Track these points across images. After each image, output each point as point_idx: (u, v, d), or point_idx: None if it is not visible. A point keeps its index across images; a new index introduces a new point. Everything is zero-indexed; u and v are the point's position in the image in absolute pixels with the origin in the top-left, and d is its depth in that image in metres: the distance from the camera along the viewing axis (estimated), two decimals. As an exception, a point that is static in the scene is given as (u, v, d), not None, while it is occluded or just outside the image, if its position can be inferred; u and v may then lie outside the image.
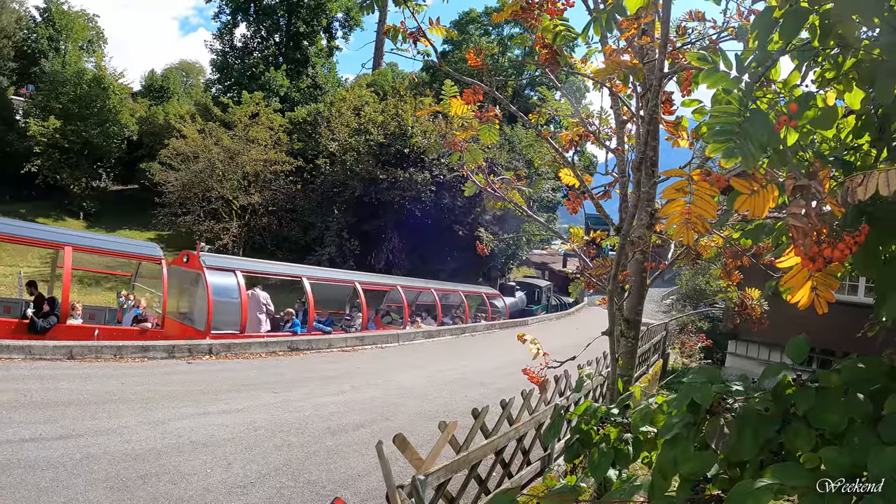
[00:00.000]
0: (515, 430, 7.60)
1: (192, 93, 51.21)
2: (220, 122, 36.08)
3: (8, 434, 7.64)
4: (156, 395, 10.49)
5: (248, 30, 52.76)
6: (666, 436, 2.39)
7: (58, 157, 37.81)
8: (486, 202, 4.72)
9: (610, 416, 3.25)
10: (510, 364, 17.43)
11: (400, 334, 20.72)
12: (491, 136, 4.44)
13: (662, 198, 2.28)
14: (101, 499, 6.40)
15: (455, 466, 5.90)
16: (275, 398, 11.18)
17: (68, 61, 40.95)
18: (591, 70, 4.60)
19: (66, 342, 12.43)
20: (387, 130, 34.91)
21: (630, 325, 4.19)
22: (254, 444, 8.60)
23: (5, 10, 42.92)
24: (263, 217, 34.61)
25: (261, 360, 14.60)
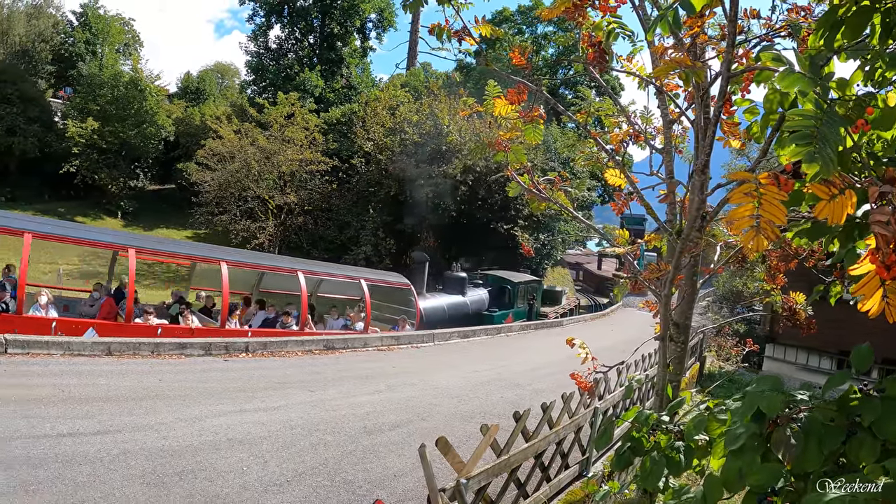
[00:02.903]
0: (556, 433, 7.54)
1: (228, 94, 51.67)
2: (255, 122, 36.33)
3: (46, 429, 7.72)
4: (193, 392, 10.57)
5: (283, 31, 53.12)
6: (732, 446, 2.32)
7: (96, 157, 38.38)
8: (529, 203, 4.64)
9: (661, 424, 3.17)
10: (546, 365, 17.34)
11: (435, 334, 20.61)
12: (535, 137, 4.38)
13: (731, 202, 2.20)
14: (138, 494, 6.45)
15: (496, 470, 5.85)
16: (311, 397, 11.21)
17: (105, 64, 41.63)
18: (636, 69, 4.51)
19: (105, 339, 12.55)
20: (422, 130, 34.90)
21: (679, 329, 4.09)
22: (290, 443, 8.63)
23: (42, 15, 43.81)
24: (299, 216, 34.80)
25: (297, 358, 14.66)
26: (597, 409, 9.19)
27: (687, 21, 3.29)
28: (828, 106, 2.10)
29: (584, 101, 41.60)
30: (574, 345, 4.30)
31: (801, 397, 2.42)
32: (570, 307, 43.60)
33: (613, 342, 21.24)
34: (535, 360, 18.67)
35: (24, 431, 7.52)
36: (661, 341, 4.09)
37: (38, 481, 6.36)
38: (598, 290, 56.79)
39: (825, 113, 2.04)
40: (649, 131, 4.95)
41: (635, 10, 4.21)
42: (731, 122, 4.08)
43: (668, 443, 3.04)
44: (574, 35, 5.74)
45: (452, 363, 16.64)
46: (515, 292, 30.76)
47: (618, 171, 4.54)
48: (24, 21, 42.09)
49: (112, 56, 44.00)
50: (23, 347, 11.10)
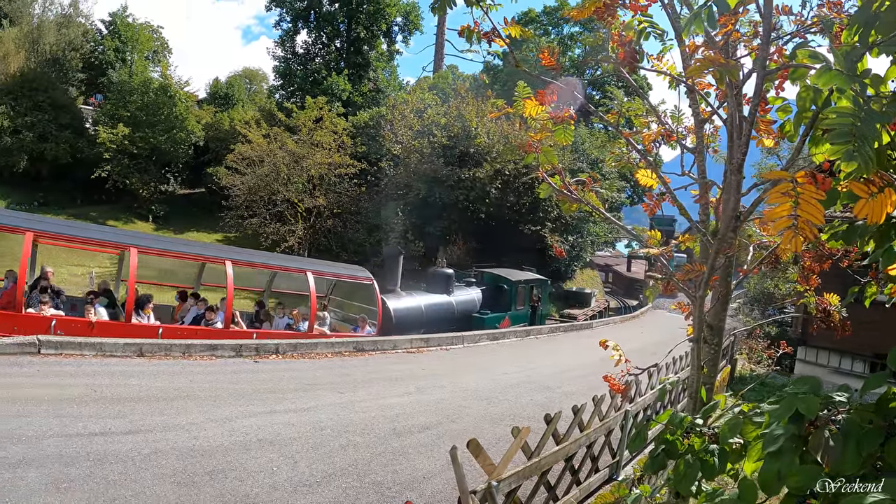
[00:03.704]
0: (586, 436, 7.51)
1: (256, 99, 52.01)
2: (284, 126, 36.53)
3: (78, 428, 7.85)
4: (223, 392, 10.69)
5: (309, 36, 53.44)
6: (770, 448, 2.29)
7: (127, 162, 38.90)
8: (561, 205, 4.62)
9: (695, 427, 3.14)
10: (576, 367, 17.28)
11: (465, 336, 20.55)
12: (566, 138, 4.35)
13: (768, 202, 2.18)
14: (169, 493, 6.53)
15: (526, 473, 5.84)
16: (340, 398, 11.27)
17: (135, 71, 42.26)
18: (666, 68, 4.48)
19: (136, 340, 12.74)
20: (450, 132, 34.92)
21: (713, 331, 4.05)
22: (320, 444, 8.68)
23: (72, 25, 44.48)
24: (328, 219, 34.99)
25: (327, 360, 14.74)
26: (627, 411, 9.13)
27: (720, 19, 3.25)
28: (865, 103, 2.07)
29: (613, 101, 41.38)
30: (607, 346, 4.26)
31: (839, 399, 2.39)
32: (600, 309, 43.29)
33: (643, 344, 21.10)
34: (565, 362, 18.61)
35: (56, 430, 7.65)
36: (695, 343, 4.04)
37: (71, 479, 6.47)
38: (627, 292, 56.42)
39: (863, 110, 2.01)
40: (680, 131, 4.91)
41: (665, 8, 4.18)
42: (765, 121, 4.03)
43: (701, 446, 3.01)
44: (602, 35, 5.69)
45: (481, 365, 16.63)
46: (513, 292, 26.95)
47: (649, 172, 4.50)
48: (55, 30, 42.78)
49: (141, 63, 44.66)
50: (56, 348, 11.32)
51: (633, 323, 36.12)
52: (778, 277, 27.80)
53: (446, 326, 22.61)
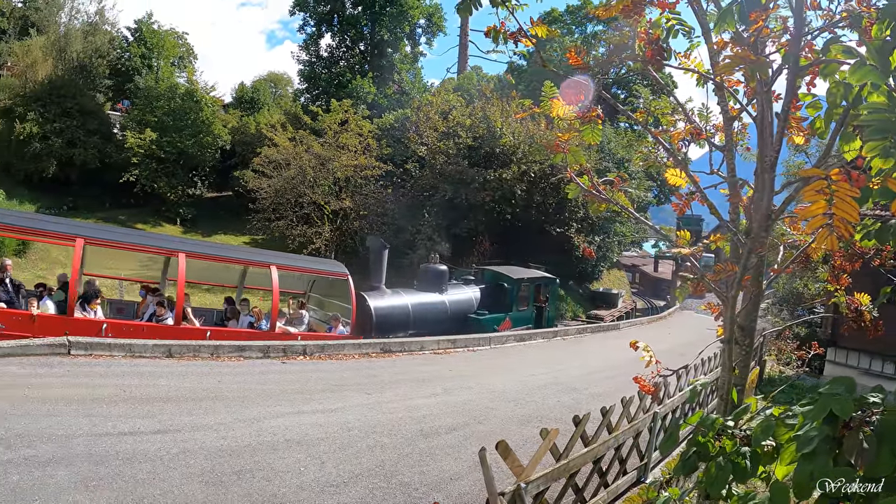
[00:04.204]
0: (615, 438, 7.45)
1: (282, 103, 52.35)
2: (310, 129, 36.71)
3: (108, 427, 7.95)
4: (251, 393, 10.77)
5: (333, 40, 53.78)
6: (805, 449, 2.26)
7: (154, 166, 39.45)
8: (589, 205, 4.59)
9: (726, 428, 3.10)
10: (603, 369, 17.18)
11: (492, 337, 20.42)
12: (594, 137, 4.32)
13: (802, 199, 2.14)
14: (197, 492, 6.59)
15: (554, 474, 5.81)
16: (367, 399, 11.30)
17: (161, 77, 42.96)
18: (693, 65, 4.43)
19: (165, 341, 12.88)
20: (475, 133, 34.88)
21: (745, 331, 3.99)
22: (347, 444, 8.71)
23: (98, 32, 45.18)
24: (355, 221, 35.07)
25: (354, 361, 14.80)
26: (656, 413, 9.06)
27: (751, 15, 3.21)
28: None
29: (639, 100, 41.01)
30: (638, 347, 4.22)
31: (873, 400, 2.35)
32: (627, 310, 42.98)
33: (671, 345, 20.92)
34: (592, 363, 18.50)
35: (86, 430, 7.75)
36: (727, 344, 3.99)
37: (99, 477, 6.55)
38: (654, 292, 55.94)
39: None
40: (708, 129, 4.86)
41: (691, 4, 4.14)
42: (796, 118, 3.98)
43: (733, 448, 2.97)
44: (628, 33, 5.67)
45: (508, 366, 16.59)
46: (514, 292, 24.56)
47: (678, 171, 4.46)
48: (81, 38, 43.47)
49: (167, 69, 45.33)
50: (86, 349, 11.50)
51: (660, 324, 35.81)
52: (807, 277, 27.38)
53: (437, 328, 21.10)
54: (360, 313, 18.37)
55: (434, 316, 21.48)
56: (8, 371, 9.87)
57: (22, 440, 7.10)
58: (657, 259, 64.81)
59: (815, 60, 3.29)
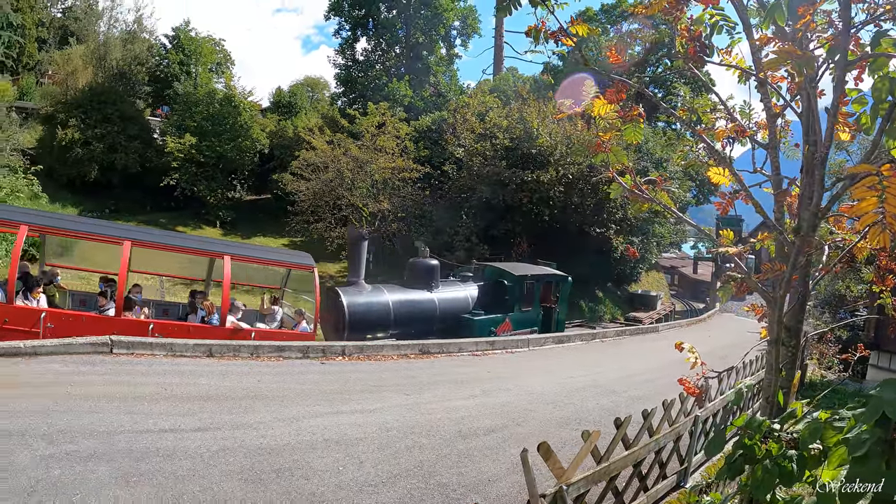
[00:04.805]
0: (656, 441, 7.36)
1: (319, 106, 52.70)
2: (347, 132, 36.97)
3: (149, 424, 8.09)
4: (290, 393, 10.86)
5: (369, 43, 54.12)
6: (856, 452, 2.20)
7: (194, 170, 40.17)
8: (631, 205, 4.55)
9: (772, 431, 3.04)
10: (643, 371, 17.03)
11: (530, 339, 20.18)
12: (636, 136, 4.27)
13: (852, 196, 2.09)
14: (236, 490, 6.65)
15: (595, 477, 5.76)
16: (406, 400, 11.33)
17: (199, 83, 43.73)
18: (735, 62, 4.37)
19: (205, 340, 13.06)
20: (512, 134, 34.79)
21: (791, 333, 3.92)
22: (385, 445, 8.72)
23: (137, 40, 46.34)
24: (393, 223, 35.19)
25: (392, 362, 14.85)
26: (697, 416, 8.93)
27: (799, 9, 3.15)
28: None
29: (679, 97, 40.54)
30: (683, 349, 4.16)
31: (927, 403, 2.28)
32: (665, 312, 42.45)
33: (711, 348, 20.64)
34: (631, 366, 18.34)
35: (127, 426, 7.88)
36: (774, 345, 3.92)
37: (140, 473, 6.65)
38: (693, 294, 55.20)
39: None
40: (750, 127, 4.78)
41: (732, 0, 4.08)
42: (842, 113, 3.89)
43: (779, 451, 2.92)
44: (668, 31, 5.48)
45: (547, 368, 16.50)
46: (516, 291, 21.97)
47: (721, 170, 4.39)
48: (120, 46, 44.57)
49: (205, 75, 46.11)
50: (127, 348, 11.71)
51: (699, 326, 35.32)
52: (850, 278, 26.78)
53: (425, 329, 19.60)
54: (334, 310, 17.51)
55: (421, 315, 19.71)
56: (52, 369, 10.08)
57: (64, 436, 7.24)
58: (696, 260, 63.98)
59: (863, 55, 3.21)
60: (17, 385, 9.09)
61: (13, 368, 9.88)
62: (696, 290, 55.56)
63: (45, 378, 9.59)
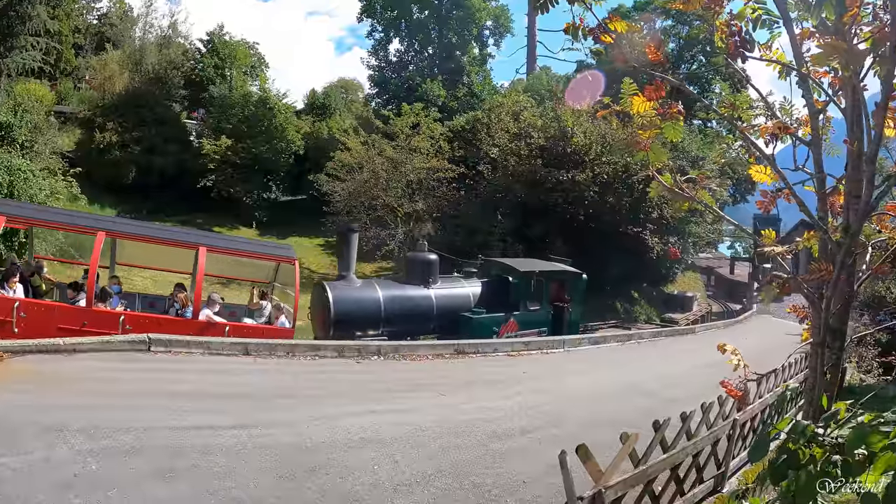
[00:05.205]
0: (694, 444, 7.24)
1: (352, 108, 53.11)
2: (382, 133, 37.23)
3: (186, 421, 8.12)
4: (325, 392, 10.92)
5: (402, 45, 54.75)
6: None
7: (230, 172, 41.03)
8: (671, 204, 4.48)
9: (816, 436, 2.96)
10: (679, 374, 16.85)
11: (566, 340, 19.91)
12: (675, 134, 4.20)
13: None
14: (271, 486, 6.67)
15: (633, 481, 5.68)
16: (441, 400, 11.33)
17: (234, 86, 44.65)
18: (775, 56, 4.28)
19: (241, 339, 13.16)
20: (547, 134, 34.63)
21: (836, 335, 3.81)
22: (420, 444, 8.69)
23: (172, 45, 47.90)
24: (428, 223, 35.29)
25: (428, 362, 14.84)
26: (735, 420, 8.77)
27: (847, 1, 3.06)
28: None
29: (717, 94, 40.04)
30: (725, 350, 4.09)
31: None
32: (702, 313, 41.88)
33: (748, 351, 20.13)
34: (667, 367, 18.13)
35: (164, 423, 7.93)
36: (817, 347, 3.83)
37: (176, 469, 6.69)
38: (729, 295, 54.29)
39: None
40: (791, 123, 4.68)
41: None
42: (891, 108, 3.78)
43: (822, 456, 2.84)
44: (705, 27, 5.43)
45: (582, 370, 16.38)
46: (522, 288, 20.37)
47: (763, 168, 4.29)
48: (156, 51, 45.89)
49: (240, 78, 46.97)
50: (165, 345, 11.82)
51: (736, 328, 34.65)
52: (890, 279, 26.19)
53: (420, 327, 18.61)
54: (322, 307, 16.69)
55: (416, 313, 18.40)
56: (91, 366, 10.22)
57: (102, 431, 7.29)
58: (733, 261, 63.03)
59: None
60: (57, 381, 9.25)
61: (53, 365, 10.04)
62: (733, 291, 54.65)
63: (84, 375, 9.72)
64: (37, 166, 25.54)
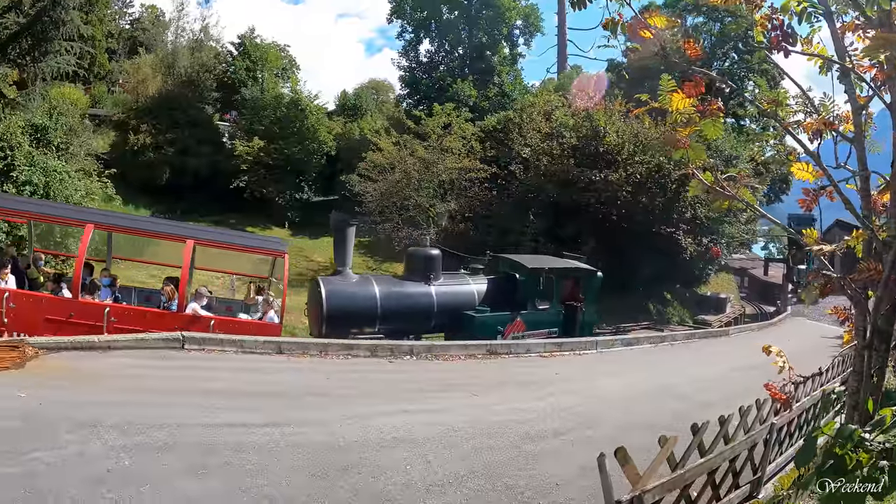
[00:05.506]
0: (731, 449, 7.11)
1: (384, 108, 53.26)
2: (413, 134, 37.31)
3: (218, 418, 8.18)
4: (358, 391, 10.96)
5: (432, 45, 54.85)
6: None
7: (263, 173, 41.42)
8: (710, 202, 4.39)
9: (863, 441, 2.87)
10: (713, 377, 16.64)
11: (598, 341, 19.64)
12: (716, 131, 4.11)
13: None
14: (303, 485, 6.69)
15: (670, 485, 5.58)
16: (473, 400, 11.28)
17: (266, 88, 45.07)
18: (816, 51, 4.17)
19: (274, 338, 13.28)
20: (579, 133, 34.43)
21: (882, 336, 3.70)
22: (452, 445, 8.65)
23: (204, 48, 48.46)
24: (460, 223, 35.26)
25: (460, 362, 14.81)
26: (773, 424, 8.61)
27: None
28: None
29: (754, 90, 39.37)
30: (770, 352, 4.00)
31: None
32: (735, 315, 41.15)
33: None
34: (701, 370, 17.85)
35: (197, 419, 8.00)
36: (865, 350, 3.72)
37: (209, 466, 6.74)
38: (763, 297, 53.34)
39: None
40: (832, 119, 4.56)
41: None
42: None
43: (869, 462, 2.76)
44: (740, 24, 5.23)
45: (615, 371, 16.21)
46: (530, 286, 19.29)
47: (805, 165, 4.19)
48: (188, 54, 46.53)
49: (272, 80, 47.37)
50: (198, 343, 11.95)
51: (770, 331, 33.96)
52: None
53: (420, 326, 17.99)
54: (315, 302, 16.33)
55: (414, 310, 17.74)
56: (126, 363, 10.36)
57: (135, 427, 7.38)
58: (767, 262, 61.97)
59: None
60: (92, 378, 9.38)
61: (88, 362, 10.19)
62: (767, 293, 53.70)
63: (118, 371, 9.86)
64: (72, 168, 26.00)
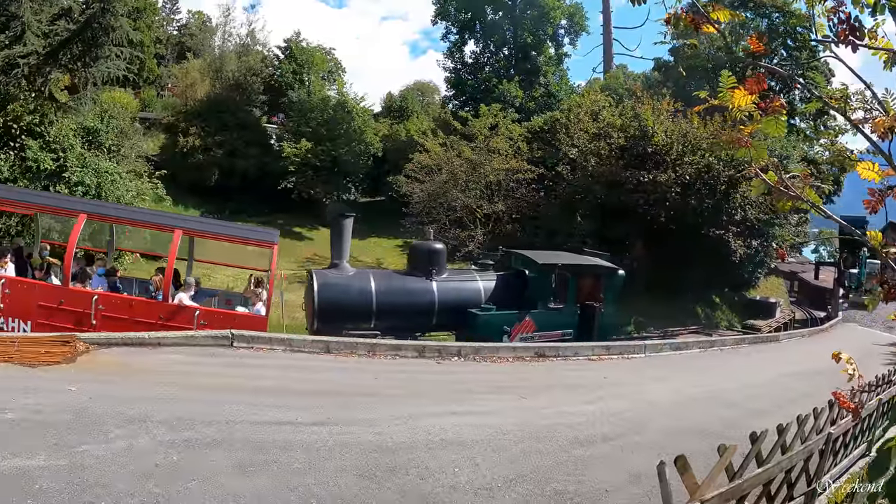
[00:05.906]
0: (788, 459, 6.89)
1: (429, 110, 53.42)
2: (460, 135, 37.28)
3: (267, 416, 8.28)
4: (406, 391, 11.01)
5: (477, 46, 54.86)
6: None
7: (310, 174, 41.84)
8: (776, 202, 4.24)
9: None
10: (763, 383, 16.37)
11: (647, 345, 19.39)
12: (779, 129, 3.97)
13: None
14: (351, 485, 6.68)
15: (728, 495, 5.41)
16: (521, 403, 11.23)
17: (313, 90, 45.53)
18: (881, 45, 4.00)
19: (322, 337, 13.47)
20: (627, 133, 34.00)
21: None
22: (501, 448, 8.60)
23: (251, 53, 49.45)
24: (507, 224, 35.08)
25: (508, 364, 14.79)
26: (830, 434, 8.35)
27: None
28: None
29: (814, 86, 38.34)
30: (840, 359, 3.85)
31: None
32: (785, 321, 40.12)
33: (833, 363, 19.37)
34: (751, 377, 17.47)
35: (246, 417, 8.10)
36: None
37: (256, 463, 6.80)
38: (813, 302, 51.94)
39: None
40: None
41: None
42: None
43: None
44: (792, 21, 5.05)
45: (663, 376, 15.97)
46: (540, 283, 18.32)
47: (871, 164, 4.02)
48: (235, 59, 47.48)
49: (318, 83, 47.83)
50: (247, 342, 12.16)
51: (821, 337, 33.09)
52: None
53: (421, 323, 17.30)
54: (309, 296, 16.11)
55: (414, 307, 17.05)
56: (175, 359, 10.58)
57: (184, 423, 7.51)
58: (818, 265, 60.37)
59: None
60: (141, 374, 9.55)
61: (138, 358, 10.38)
62: (817, 298, 52.30)
63: (167, 367, 10.07)
64: (123, 169, 26.90)
